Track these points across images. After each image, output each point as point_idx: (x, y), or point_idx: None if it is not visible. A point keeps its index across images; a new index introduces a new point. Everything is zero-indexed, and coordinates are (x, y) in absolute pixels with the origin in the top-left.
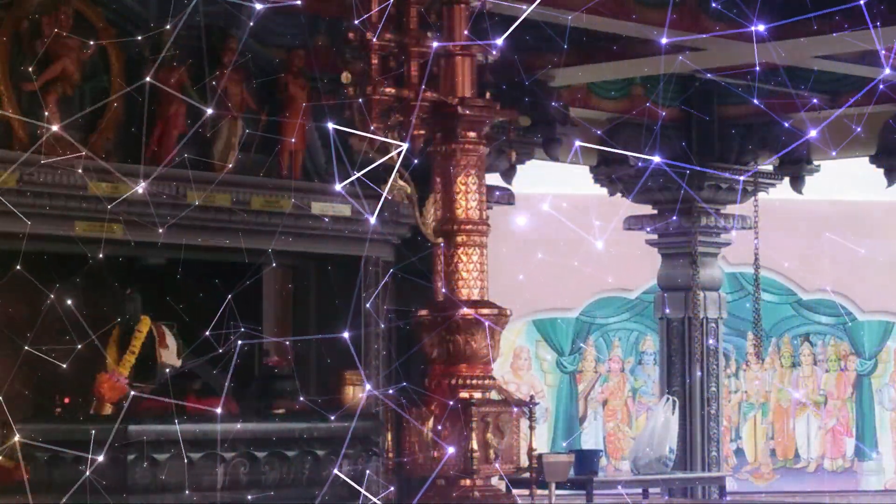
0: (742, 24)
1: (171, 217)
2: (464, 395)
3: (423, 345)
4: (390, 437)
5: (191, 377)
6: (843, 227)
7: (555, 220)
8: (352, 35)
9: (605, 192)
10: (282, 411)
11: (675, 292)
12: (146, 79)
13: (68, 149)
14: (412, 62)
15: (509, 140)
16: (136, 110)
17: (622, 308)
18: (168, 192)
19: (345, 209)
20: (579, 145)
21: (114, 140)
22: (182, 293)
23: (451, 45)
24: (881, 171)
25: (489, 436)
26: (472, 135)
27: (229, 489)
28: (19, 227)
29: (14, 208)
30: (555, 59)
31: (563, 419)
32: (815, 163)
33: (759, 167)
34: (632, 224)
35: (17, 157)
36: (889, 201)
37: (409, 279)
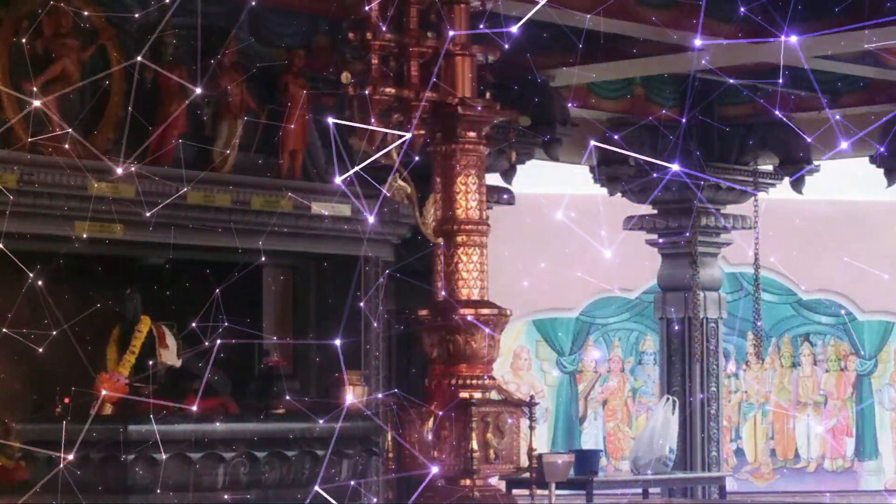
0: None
1: (171, 217)
2: (464, 395)
3: (422, 345)
4: (390, 437)
5: (190, 377)
6: (843, 227)
7: (556, 220)
8: (352, 35)
9: (605, 191)
10: (282, 411)
11: (675, 292)
12: (137, 58)
13: (69, 149)
14: (412, 62)
15: (509, 140)
16: (138, 110)
17: (622, 308)
18: (168, 192)
19: (344, 209)
20: (594, 145)
21: (114, 139)
22: (182, 293)
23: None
24: (881, 171)
25: (489, 436)
26: (472, 135)
27: (229, 489)
28: (19, 228)
29: (14, 208)
30: (569, 60)
31: (563, 419)
32: (815, 163)
33: (759, 167)
34: (632, 224)
35: (17, 157)
36: (889, 201)
37: (409, 279)
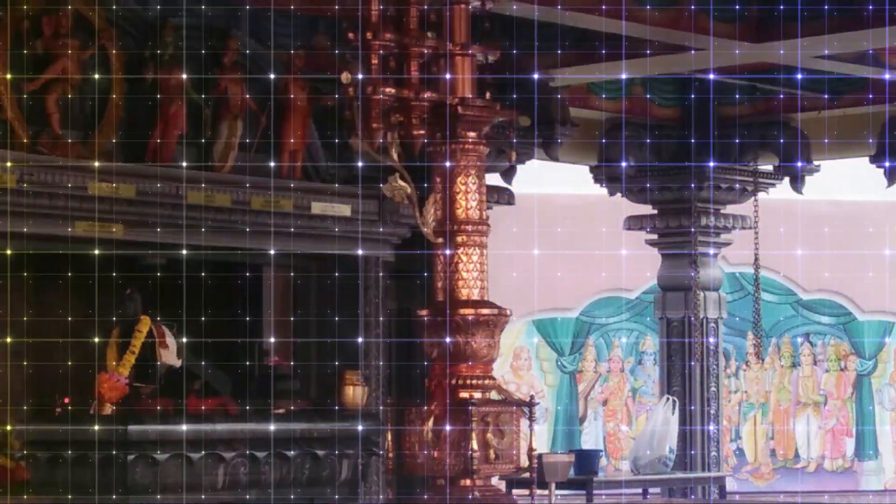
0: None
1: (169, 217)
2: (464, 395)
3: (422, 345)
4: (390, 437)
5: (191, 377)
6: (843, 227)
7: (556, 220)
8: (352, 35)
9: (605, 191)
10: (282, 411)
11: (675, 292)
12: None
13: (69, 149)
14: (412, 62)
15: (509, 140)
16: (138, 110)
17: (622, 308)
18: (168, 192)
19: (345, 209)
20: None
21: (114, 139)
22: (181, 293)
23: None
24: (881, 171)
25: (489, 436)
26: (472, 135)
27: (229, 489)
28: (20, 228)
29: (14, 208)
30: (569, 60)
31: (563, 419)
32: (815, 163)
33: (759, 167)
34: (632, 224)
35: (17, 157)
36: (889, 201)
37: (409, 279)
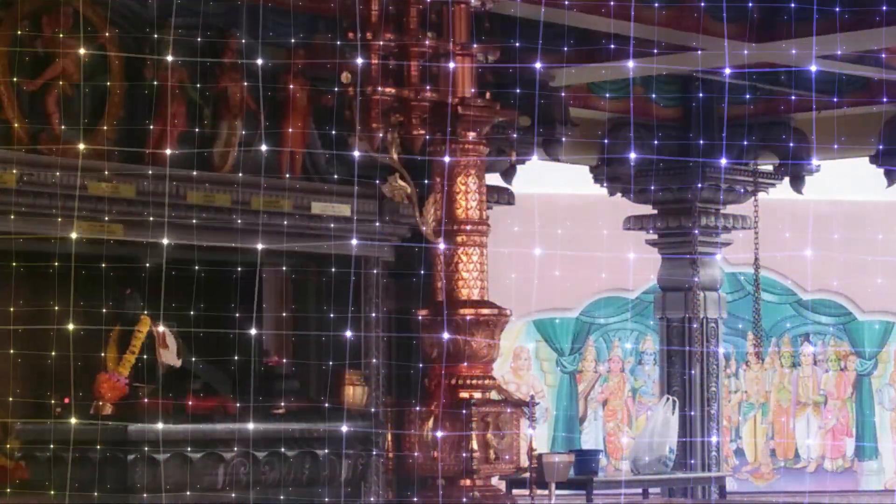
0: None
1: (170, 217)
2: (464, 395)
3: (422, 345)
4: (390, 437)
5: (190, 376)
6: (843, 227)
7: (556, 220)
8: (352, 35)
9: (605, 191)
10: (282, 411)
11: (675, 292)
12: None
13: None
14: (412, 62)
15: (509, 140)
16: (137, 110)
17: (622, 308)
18: (168, 192)
19: (345, 209)
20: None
21: (114, 140)
22: (181, 293)
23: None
24: (881, 171)
25: (489, 436)
26: (472, 135)
27: (229, 489)
28: (20, 227)
29: (14, 208)
30: (569, 60)
31: (563, 419)
32: (815, 163)
33: (759, 167)
34: (632, 224)
35: (17, 157)
36: (889, 201)
37: (409, 279)
